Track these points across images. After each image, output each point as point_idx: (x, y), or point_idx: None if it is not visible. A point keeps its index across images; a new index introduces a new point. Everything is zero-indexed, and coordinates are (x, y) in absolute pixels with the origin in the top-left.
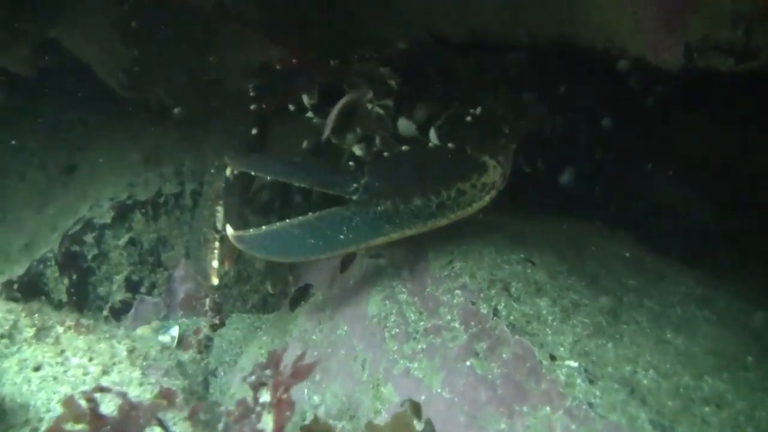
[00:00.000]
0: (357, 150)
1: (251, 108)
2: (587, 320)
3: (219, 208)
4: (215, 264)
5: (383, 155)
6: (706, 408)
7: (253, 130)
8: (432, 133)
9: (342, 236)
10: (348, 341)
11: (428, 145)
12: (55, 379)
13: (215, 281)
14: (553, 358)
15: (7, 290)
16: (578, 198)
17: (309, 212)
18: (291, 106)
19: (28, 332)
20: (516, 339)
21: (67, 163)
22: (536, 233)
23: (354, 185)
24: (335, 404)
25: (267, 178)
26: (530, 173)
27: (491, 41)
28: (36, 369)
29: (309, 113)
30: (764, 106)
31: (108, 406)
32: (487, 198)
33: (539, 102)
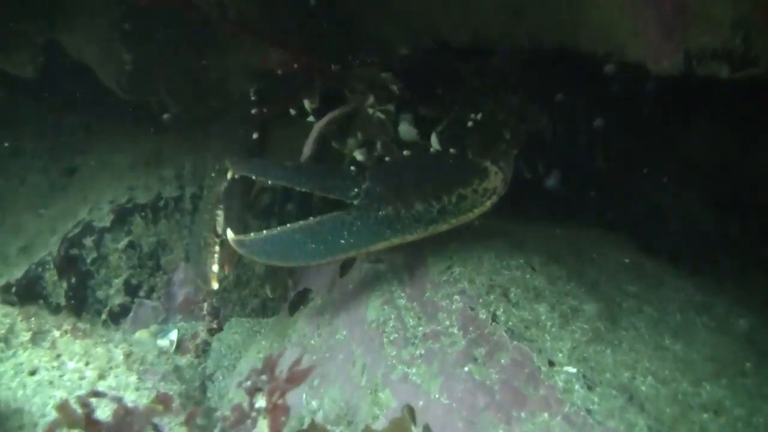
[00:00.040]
0: (358, 155)
1: (252, 112)
2: (586, 326)
3: (219, 212)
4: (215, 268)
5: (384, 160)
6: (705, 415)
7: (254, 134)
8: (433, 138)
9: (343, 241)
10: (347, 346)
11: (429, 150)
12: (51, 384)
13: (215, 285)
14: (552, 364)
15: (5, 294)
16: (578, 202)
17: (310, 217)
18: (292, 111)
19: (25, 336)
20: (514, 345)
21: (68, 166)
22: (536, 238)
23: (355, 190)
24: (333, 409)
25: (268, 182)
26: (531, 178)
27: (492, 46)
28: (32, 373)
29: (310, 117)
30: (765, 108)
31: (104, 411)
32: (489, 203)
33: (540, 107)
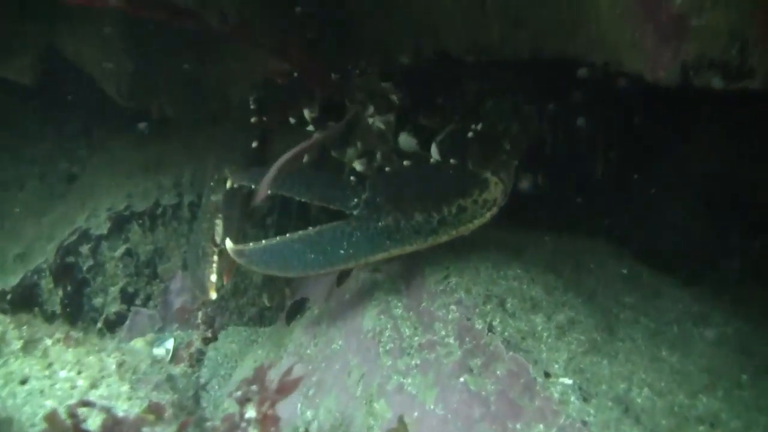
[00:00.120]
0: (358, 165)
1: (252, 121)
2: (582, 337)
3: (218, 222)
4: (213, 278)
5: (384, 170)
6: (701, 427)
7: (254, 143)
8: (433, 149)
9: (342, 251)
10: (343, 356)
11: (429, 161)
12: (42, 393)
13: (213, 295)
14: (548, 375)
15: None
16: (576, 211)
17: (309, 227)
18: (292, 120)
19: (16, 345)
20: (510, 355)
21: (67, 173)
22: (533, 248)
23: (355, 200)
24: (328, 419)
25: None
26: (530, 189)
27: (492, 55)
28: (23, 382)
29: (310, 126)
30: (765, 112)
31: (94, 421)
32: (489, 215)
33: (540, 117)
